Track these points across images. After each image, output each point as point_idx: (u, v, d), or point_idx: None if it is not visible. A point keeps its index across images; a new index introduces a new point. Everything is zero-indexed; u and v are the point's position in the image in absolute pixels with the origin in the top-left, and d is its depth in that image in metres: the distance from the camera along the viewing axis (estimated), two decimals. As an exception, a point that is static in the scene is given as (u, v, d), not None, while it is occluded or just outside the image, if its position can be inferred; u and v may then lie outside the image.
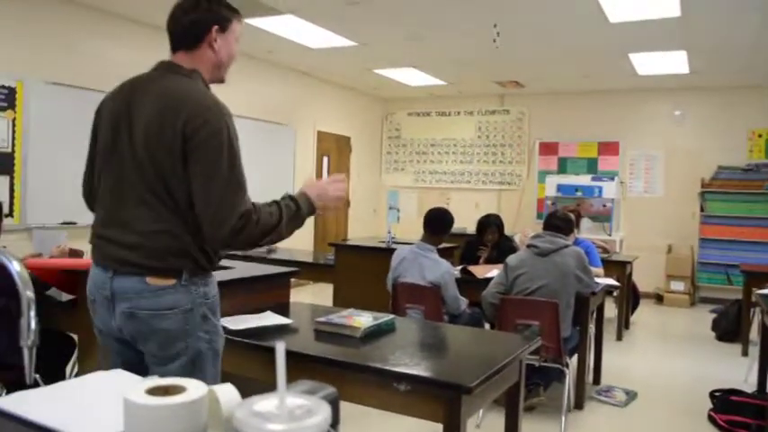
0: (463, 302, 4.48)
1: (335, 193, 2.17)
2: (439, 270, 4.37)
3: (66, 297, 3.29)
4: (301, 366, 2.41)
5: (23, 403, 1.26)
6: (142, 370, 1.94)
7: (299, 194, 2.09)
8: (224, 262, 3.72)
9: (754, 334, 5.96)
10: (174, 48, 2.07)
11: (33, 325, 1.31)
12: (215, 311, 2.06)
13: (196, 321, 1.97)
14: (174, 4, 2.07)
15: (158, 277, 1.91)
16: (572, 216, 4.79)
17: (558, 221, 4.52)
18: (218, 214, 1.86)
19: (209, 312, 2.02)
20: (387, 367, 2.29)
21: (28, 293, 1.31)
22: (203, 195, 1.88)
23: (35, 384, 1.39)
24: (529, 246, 4.35)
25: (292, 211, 2.01)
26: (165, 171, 1.89)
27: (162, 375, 1.84)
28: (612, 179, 9.17)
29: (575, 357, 4.44)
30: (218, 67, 2.10)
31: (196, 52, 2.05)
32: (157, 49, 2.24)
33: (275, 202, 2.01)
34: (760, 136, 8.86)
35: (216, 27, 2.04)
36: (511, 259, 4.35)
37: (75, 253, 4.10)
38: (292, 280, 3.53)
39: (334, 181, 2.19)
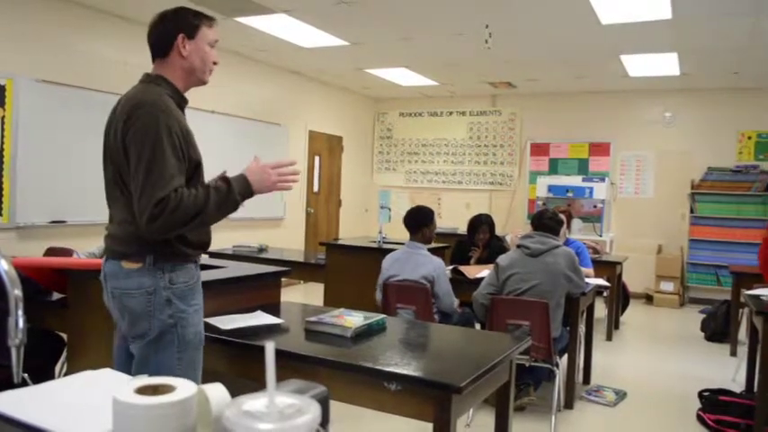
0: (455, 302, 4.49)
1: (278, 183, 2.22)
2: (431, 264, 4.41)
3: (55, 296, 3.27)
4: (292, 366, 2.41)
5: (11, 403, 1.25)
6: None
7: (237, 176, 2.19)
8: (215, 261, 3.72)
9: (743, 334, 6.00)
10: (153, 59, 2.29)
11: (21, 324, 1.31)
12: (185, 299, 2.19)
13: (159, 303, 2.14)
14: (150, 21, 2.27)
15: (129, 261, 2.15)
16: (561, 215, 4.80)
17: (548, 221, 4.50)
18: (140, 203, 2.04)
19: (174, 298, 2.16)
20: (377, 367, 2.29)
21: (16, 292, 1.30)
22: (132, 185, 2.08)
23: (23, 384, 1.38)
24: (519, 246, 4.36)
25: (223, 195, 2.12)
26: (120, 169, 2.14)
27: (133, 352, 2.13)
28: (603, 180, 9.21)
29: (565, 357, 4.45)
30: (191, 72, 2.28)
31: (167, 60, 2.25)
32: (147, 48, 2.26)
33: (207, 186, 2.14)
34: (749, 138, 8.91)
35: (182, 35, 2.23)
36: (502, 260, 4.35)
37: (64, 252, 4.09)
38: (283, 279, 3.52)
39: (280, 167, 2.22)
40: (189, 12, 2.28)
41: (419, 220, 4.61)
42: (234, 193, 2.14)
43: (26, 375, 2.91)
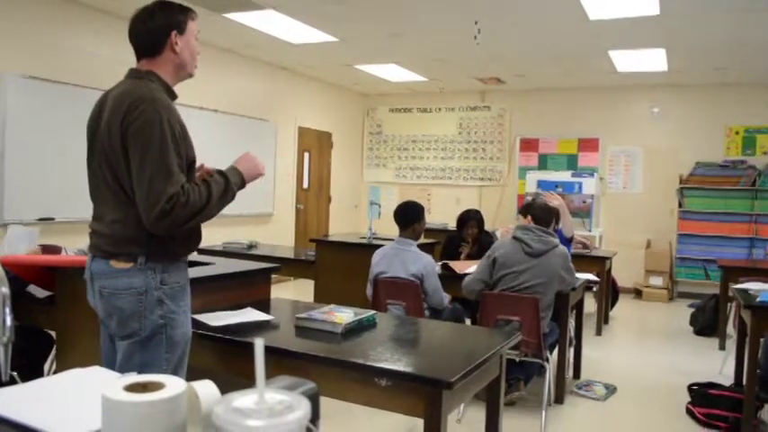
0: (446, 297, 4.48)
1: (259, 171, 2.34)
2: (421, 261, 4.38)
3: (43, 293, 3.25)
4: (282, 363, 2.41)
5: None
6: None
7: (230, 168, 2.26)
8: (205, 258, 3.71)
9: (731, 328, 6.04)
10: (139, 57, 2.25)
11: (9, 321, 1.30)
12: (175, 299, 2.19)
13: (150, 303, 2.13)
14: (131, 18, 2.23)
15: (119, 261, 2.13)
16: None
17: (544, 213, 4.41)
18: (148, 199, 2.02)
19: (165, 298, 2.16)
20: (367, 363, 2.29)
21: (2, 289, 1.29)
22: (137, 182, 2.05)
23: (12, 382, 1.37)
24: (516, 239, 4.26)
25: (222, 188, 2.17)
26: (116, 167, 2.11)
27: (120, 352, 2.12)
28: (592, 175, 9.23)
29: (555, 352, 4.47)
30: (182, 67, 2.27)
31: (159, 57, 2.22)
32: (137, 44, 2.24)
33: (205, 181, 2.17)
34: (737, 133, 8.97)
35: (174, 32, 2.21)
36: (499, 255, 4.25)
37: (53, 249, 4.06)
38: (273, 276, 3.52)
39: (256, 160, 2.35)
40: (174, 6, 2.25)
41: (409, 216, 4.58)
42: (231, 184, 2.20)
43: (14, 373, 2.89)
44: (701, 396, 4.30)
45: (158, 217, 2.01)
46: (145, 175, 2.02)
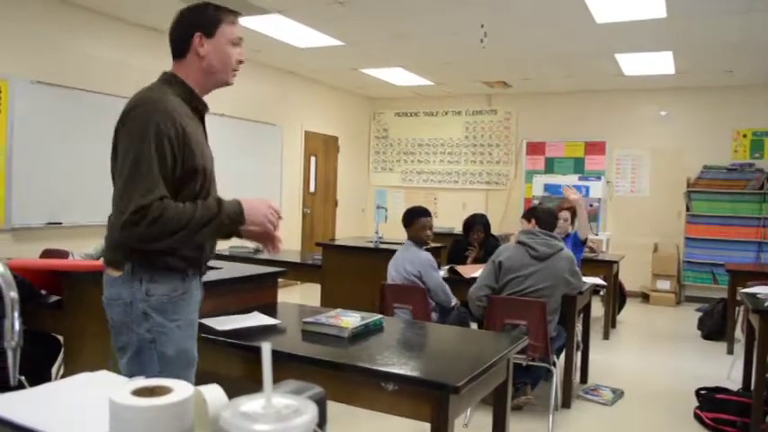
0: (453, 299, 4.50)
1: (267, 219, 2.15)
2: (417, 260, 4.47)
3: (51, 298, 3.26)
4: (289, 367, 2.40)
5: (7, 405, 1.25)
6: None
7: (231, 200, 2.07)
8: (211, 262, 3.71)
9: (739, 332, 6.01)
10: (173, 59, 2.17)
11: (17, 326, 1.30)
12: (164, 313, 2.02)
13: (136, 316, 2.00)
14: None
15: (112, 269, 2.05)
16: (566, 212, 4.86)
17: (548, 217, 4.44)
18: (119, 205, 1.93)
19: (151, 311, 2.00)
20: (374, 367, 2.29)
21: (11, 294, 1.29)
22: (114, 185, 1.98)
23: (20, 386, 1.38)
24: (521, 243, 4.25)
25: (210, 213, 1.98)
26: (113, 168, 2.03)
27: (123, 371, 1.99)
28: (599, 179, 9.22)
29: (562, 356, 4.45)
30: (209, 73, 2.16)
31: (185, 61, 2.13)
32: (143, 49, 2.26)
33: (197, 202, 2.01)
34: (744, 136, 8.93)
35: (199, 33, 2.10)
36: (505, 259, 4.24)
37: (60, 253, 4.08)
38: (280, 280, 3.52)
39: (272, 208, 2.19)
40: (209, 7, 2.13)
41: (404, 221, 4.74)
42: (222, 214, 2.00)
43: (23, 378, 2.90)
44: (709, 400, 4.28)
45: (124, 226, 1.89)
46: (120, 179, 1.94)
